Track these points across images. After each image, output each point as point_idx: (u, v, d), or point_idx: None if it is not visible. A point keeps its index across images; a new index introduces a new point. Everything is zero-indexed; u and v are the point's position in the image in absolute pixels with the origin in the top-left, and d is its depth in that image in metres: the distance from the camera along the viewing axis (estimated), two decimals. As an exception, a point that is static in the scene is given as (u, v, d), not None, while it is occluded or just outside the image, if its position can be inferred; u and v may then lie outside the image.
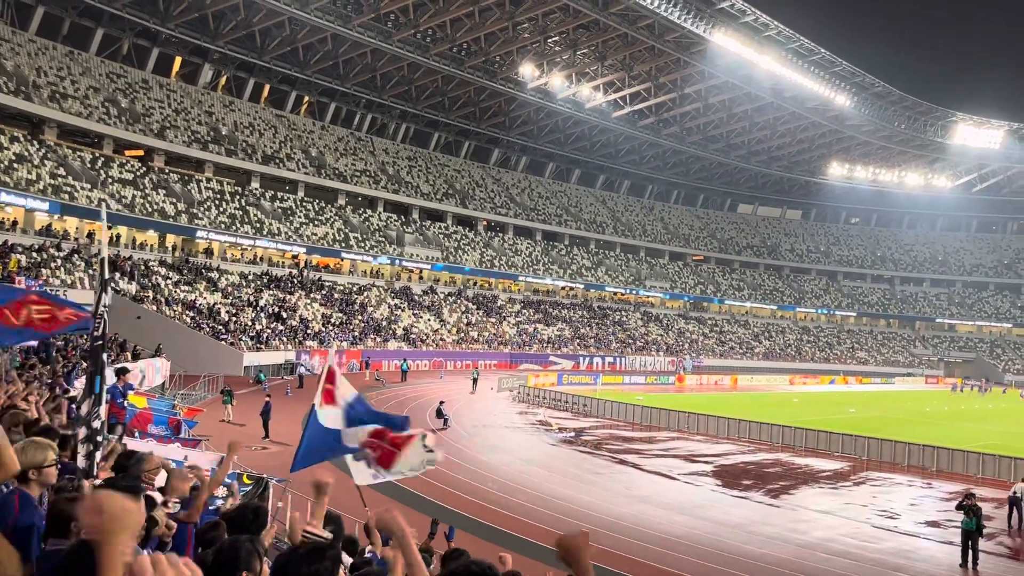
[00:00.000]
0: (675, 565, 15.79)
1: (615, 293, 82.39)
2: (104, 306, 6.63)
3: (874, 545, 18.32)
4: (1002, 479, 25.69)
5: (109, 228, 47.27)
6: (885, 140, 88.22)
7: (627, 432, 34.59)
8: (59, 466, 4.37)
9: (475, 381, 45.97)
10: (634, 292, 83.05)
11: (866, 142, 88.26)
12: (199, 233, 52.68)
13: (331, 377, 6.78)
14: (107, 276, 6.85)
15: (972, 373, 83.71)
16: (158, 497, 5.21)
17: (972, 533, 16.83)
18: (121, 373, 15.78)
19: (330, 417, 6.63)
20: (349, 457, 6.67)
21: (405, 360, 51.46)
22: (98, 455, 6.14)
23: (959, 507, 17.53)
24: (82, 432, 6.23)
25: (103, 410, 6.50)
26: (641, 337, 76.28)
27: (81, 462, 5.97)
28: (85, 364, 19.99)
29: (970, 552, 16.93)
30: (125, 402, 15.26)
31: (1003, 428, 39.82)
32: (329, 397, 6.69)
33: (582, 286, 79.42)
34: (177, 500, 5.43)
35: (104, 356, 6.65)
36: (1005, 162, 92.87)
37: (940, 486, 25.86)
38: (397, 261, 65.16)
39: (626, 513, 19.77)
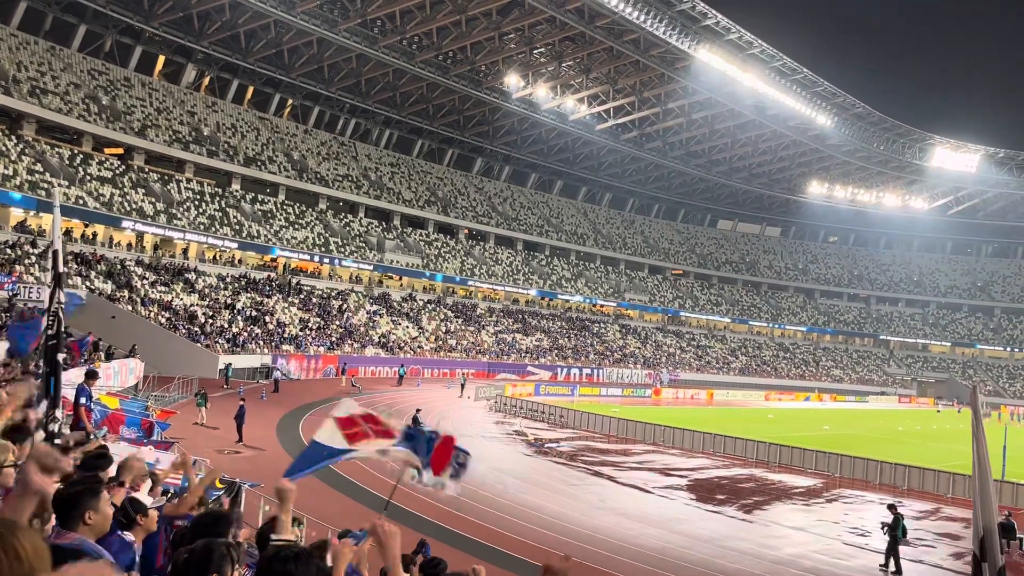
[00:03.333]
0: (648, 579, 15.79)
1: (594, 305, 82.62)
2: (58, 302, 6.37)
3: (845, 562, 18.43)
4: (972, 499, 25.87)
5: (86, 226, 46.82)
6: (864, 160, 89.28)
7: (603, 444, 34.61)
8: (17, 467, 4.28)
9: (463, 387, 48.05)
10: (613, 304, 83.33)
11: (845, 162, 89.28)
12: (176, 234, 52.18)
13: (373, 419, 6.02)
14: (61, 270, 6.56)
15: (944, 393, 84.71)
16: (148, 499, 5.13)
17: (899, 541, 18.14)
18: (91, 376, 15.52)
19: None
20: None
21: (403, 366, 52.56)
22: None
23: (890, 524, 18.38)
24: (39, 436, 6.10)
25: (59, 412, 6.31)
26: (619, 349, 76.46)
27: None
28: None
29: (895, 558, 18.11)
30: (91, 403, 15.00)
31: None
32: (360, 436, 6.02)
33: (564, 297, 79.55)
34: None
35: (59, 356, 6.40)
36: (980, 186, 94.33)
37: (911, 504, 26.09)
38: (378, 268, 64.96)
39: (600, 525, 19.76)
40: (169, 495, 7.18)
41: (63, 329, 6.44)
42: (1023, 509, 24.78)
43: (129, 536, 4.22)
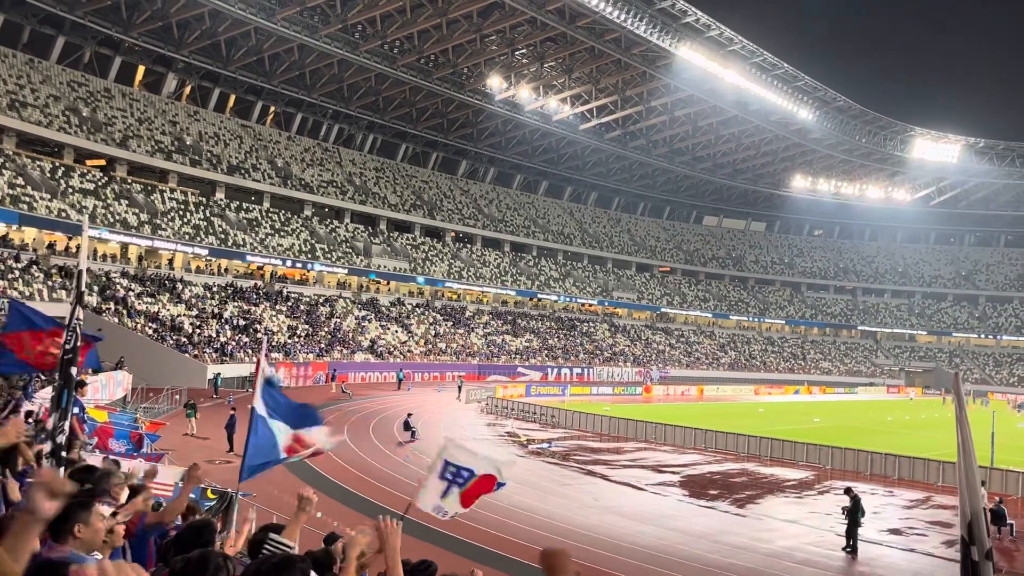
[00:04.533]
0: (643, 575, 15.82)
1: (583, 304, 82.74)
2: (78, 319, 6.53)
3: (838, 553, 18.54)
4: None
5: (69, 238, 46.49)
6: (846, 153, 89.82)
7: (595, 443, 34.66)
8: None
9: (460, 388, 48.87)
10: (601, 303, 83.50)
11: (828, 155, 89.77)
12: (160, 243, 51.88)
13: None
14: (83, 289, 6.75)
15: (932, 383, 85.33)
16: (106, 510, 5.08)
17: (858, 523, 18.65)
18: (79, 386, 15.44)
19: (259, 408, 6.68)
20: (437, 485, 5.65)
21: (401, 370, 53.11)
22: (61, 471, 6.00)
23: (849, 506, 18.92)
24: (47, 447, 6.09)
25: (67, 425, 6.38)
26: (609, 348, 76.59)
27: None
28: (44, 377, 19.58)
29: (855, 539, 18.63)
30: (84, 414, 14.94)
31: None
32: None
33: (552, 298, 79.60)
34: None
35: (73, 370, 6.51)
36: (962, 175, 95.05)
37: (902, 494, 26.27)
38: (365, 273, 64.84)
39: (594, 524, 19.79)
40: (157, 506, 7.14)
41: (79, 345, 6.61)
42: (1012, 496, 24.99)
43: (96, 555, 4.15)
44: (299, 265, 60.33)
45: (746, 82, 69.81)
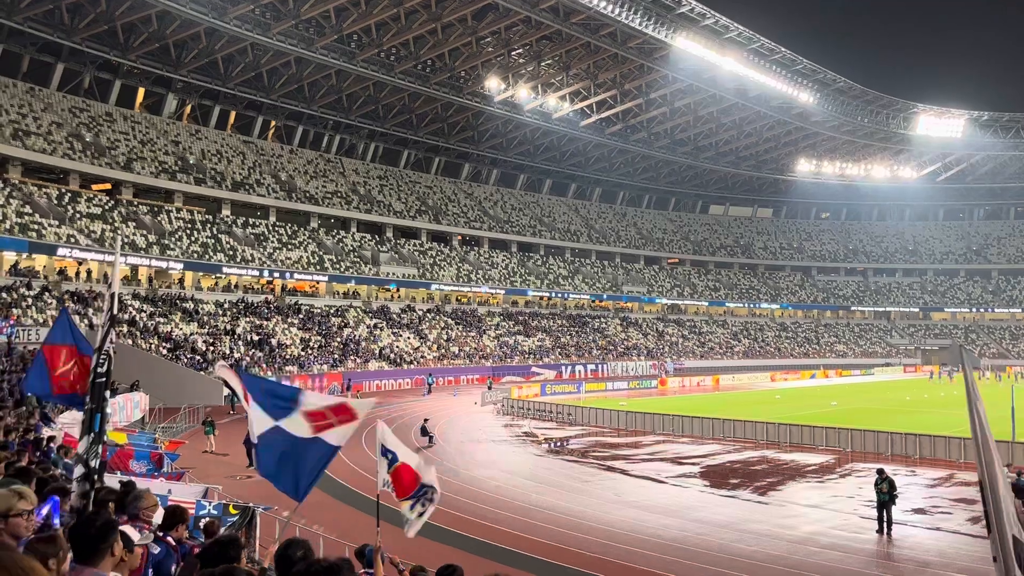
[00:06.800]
0: (669, 568, 15.79)
1: (593, 300, 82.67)
2: (111, 342, 6.56)
3: (863, 536, 18.45)
4: (974, 459, 25.93)
5: (79, 264, 46.77)
6: (849, 134, 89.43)
7: (613, 438, 34.61)
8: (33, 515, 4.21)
9: (489, 388, 50.10)
10: (612, 299, 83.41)
11: (831, 137, 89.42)
12: (171, 264, 52.13)
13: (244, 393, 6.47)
14: (115, 312, 6.77)
15: (948, 360, 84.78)
16: (135, 536, 5.10)
17: (887, 504, 18.43)
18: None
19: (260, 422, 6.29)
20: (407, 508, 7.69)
21: (431, 375, 54.05)
22: (93, 494, 6.01)
23: (876, 485, 18.74)
24: (78, 470, 6.11)
25: (100, 448, 6.39)
26: (621, 343, 76.50)
27: (76, 501, 5.86)
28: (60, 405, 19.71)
29: (885, 521, 18.47)
30: (105, 437, 15.03)
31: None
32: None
33: (561, 296, 79.56)
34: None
35: (107, 393, 6.53)
36: (967, 150, 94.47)
37: (924, 473, 26.13)
38: (374, 281, 64.99)
39: (616, 519, 19.76)
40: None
41: (111, 368, 6.64)
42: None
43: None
44: (308, 277, 60.54)
45: (745, 69, 69.63)
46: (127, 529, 4.99)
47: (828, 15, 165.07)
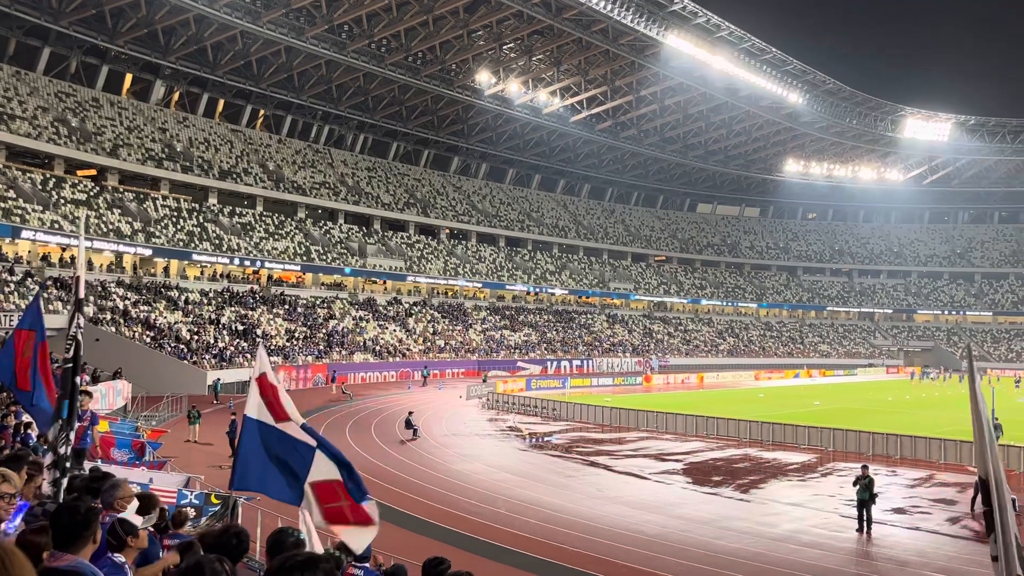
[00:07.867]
0: (650, 564, 15.87)
1: (580, 296, 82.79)
2: (77, 327, 6.45)
3: (843, 534, 18.61)
4: (964, 464, 26.32)
5: (63, 250, 46.37)
6: (838, 136, 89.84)
7: (597, 434, 34.71)
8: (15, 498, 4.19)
9: (485, 381, 50.63)
10: (599, 295, 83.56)
11: (819, 138, 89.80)
12: (152, 251, 51.80)
13: (270, 391, 5.51)
14: (81, 296, 6.65)
15: (931, 361, 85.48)
16: (137, 520, 5.07)
17: (866, 502, 18.48)
18: (83, 396, 15.40)
19: (294, 430, 5.43)
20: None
21: (426, 367, 54.97)
22: (64, 482, 5.96)
23: (855, 482, 18.90)
24: (48, 458, 6.07)
25: (72, 435, 6.32)
26: (607, 339, 76.67)
27: (47, 489, 5.82)
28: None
29: (865, 520, 18.58)
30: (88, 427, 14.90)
31: (962, 415, 40.64)
32: (283, 414, 5.50)
33: (548, 291, 79.62)
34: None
35: (76, 379, 6.43)
36: (953, 154, 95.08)
37: (905, 473, 26.37)
38: (361, 273, 64.79)
39: (599, 514, 19.83)
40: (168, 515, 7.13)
41: (80, 353, 6.49)
42: (1014, 471, 25.08)
43: (120, 557, 4.19)
44: (295, 267, 60.30)
45: (735, 68, 69.77)
46: (127, 515, 4.97)
47: (820, 17, 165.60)
